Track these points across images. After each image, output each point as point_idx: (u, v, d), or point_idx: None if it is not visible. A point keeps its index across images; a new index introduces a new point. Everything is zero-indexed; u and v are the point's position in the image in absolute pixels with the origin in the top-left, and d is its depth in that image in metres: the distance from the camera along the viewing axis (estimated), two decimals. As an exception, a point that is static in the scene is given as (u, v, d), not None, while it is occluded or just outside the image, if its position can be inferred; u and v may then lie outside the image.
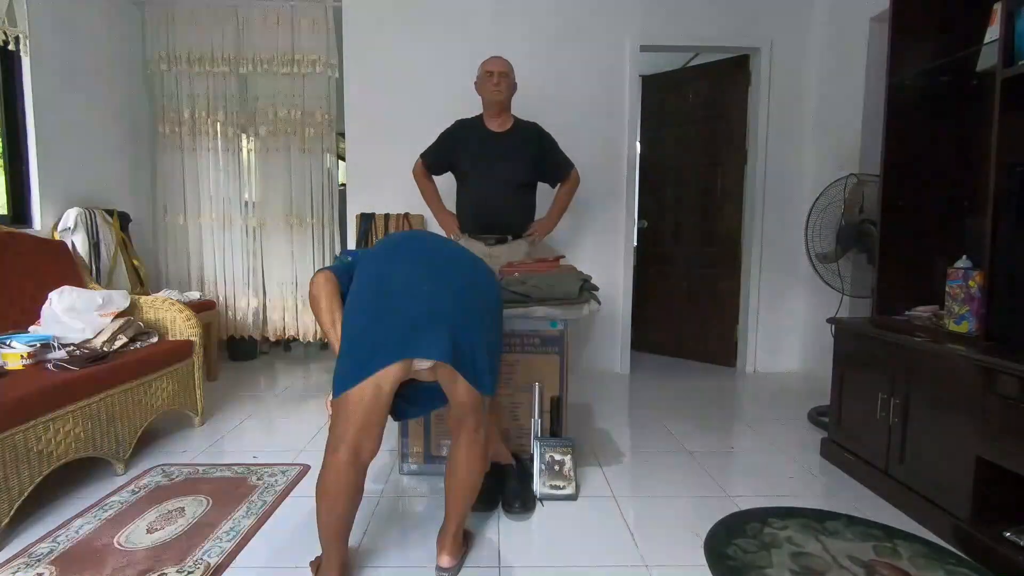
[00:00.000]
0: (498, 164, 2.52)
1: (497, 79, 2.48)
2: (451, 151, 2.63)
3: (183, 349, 2.48)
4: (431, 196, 2.76)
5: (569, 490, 1.88)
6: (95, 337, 2.24)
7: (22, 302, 2.34)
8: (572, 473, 1.89)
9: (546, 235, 2.73)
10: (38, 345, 2.04)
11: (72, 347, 2.14)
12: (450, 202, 2.77)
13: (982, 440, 1.57)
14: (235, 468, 2.11)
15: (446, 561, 1.47)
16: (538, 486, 1.87)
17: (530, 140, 2.59)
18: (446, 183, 2.77)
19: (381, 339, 1.32)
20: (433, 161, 2.69)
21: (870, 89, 3.03)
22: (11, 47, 2.67)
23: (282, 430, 2.58)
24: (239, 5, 3.60)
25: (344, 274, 1.50)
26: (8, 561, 1.51)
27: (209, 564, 1.49)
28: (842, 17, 3.31)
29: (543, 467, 1.89)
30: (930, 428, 1.77)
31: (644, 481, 2.07)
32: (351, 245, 3.57)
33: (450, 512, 1.49)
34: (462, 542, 1.54)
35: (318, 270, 1.54)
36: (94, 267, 2.94)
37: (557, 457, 1.90)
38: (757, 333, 3.69)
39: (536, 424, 1.98)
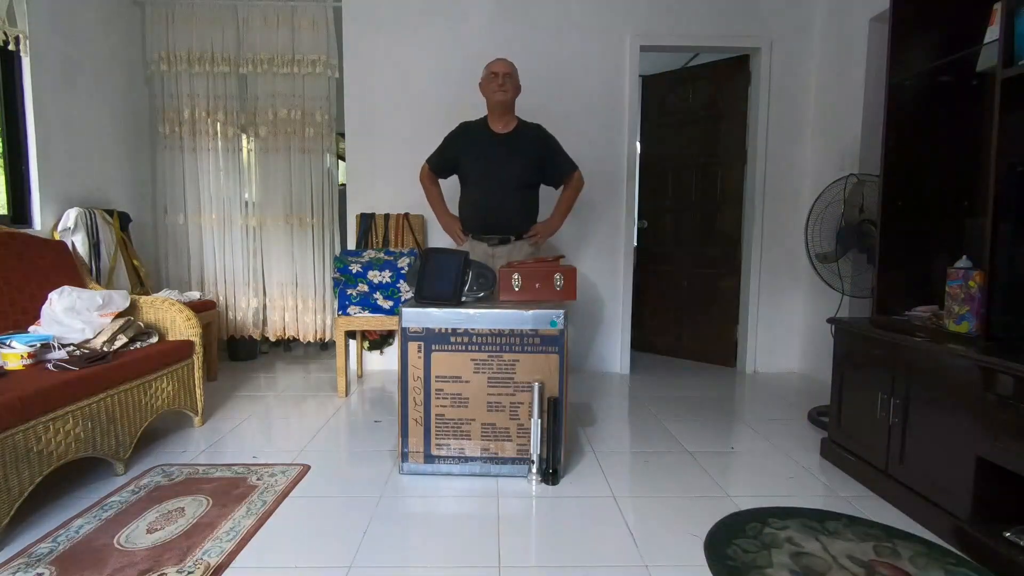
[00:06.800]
0: (501, 165, 2.52)
1: (502, 80, 2.48)
2: (455, 153, 2.63)
3: (183, 349, 2.48)
4: (435, 199, 2.76)
5: None
6: (95, 337, 2.24)
7: (22, 302, 2.34)
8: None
9: (549, 237, 2.73)
10: (38, 345, 2.04)
11: (72, 347, 2.14)
12: (454, 206, 2.77)
13: (982, 440, 1.56)
14: (235, 468, 2.11)
15: None
16: None
17: (533, 141, 2.58)
18: (451, 187, 2.77)
19: None
20: (438, 163, 2.69)
21: (870, 89, 3.03)
22: (11, 47, 2.67)
23: (282, 430, 2.58)
24: (239, 5, 3.60)
25: None
26: (8, 561, 1.51)
27: (209, 564, 1.49)
28: (842, 17, 3.31)
29: None
30: (930, 428, 1.77)
31: (644, 481, 2.07)
32: (351, 245, 3.57)
33: None
34: None
35: None
36: (94, 267, 2.94)
37: None
38: (757, 333, 3.69)
39: (536, 424, 1.98)
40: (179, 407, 2.45)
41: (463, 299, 2.09)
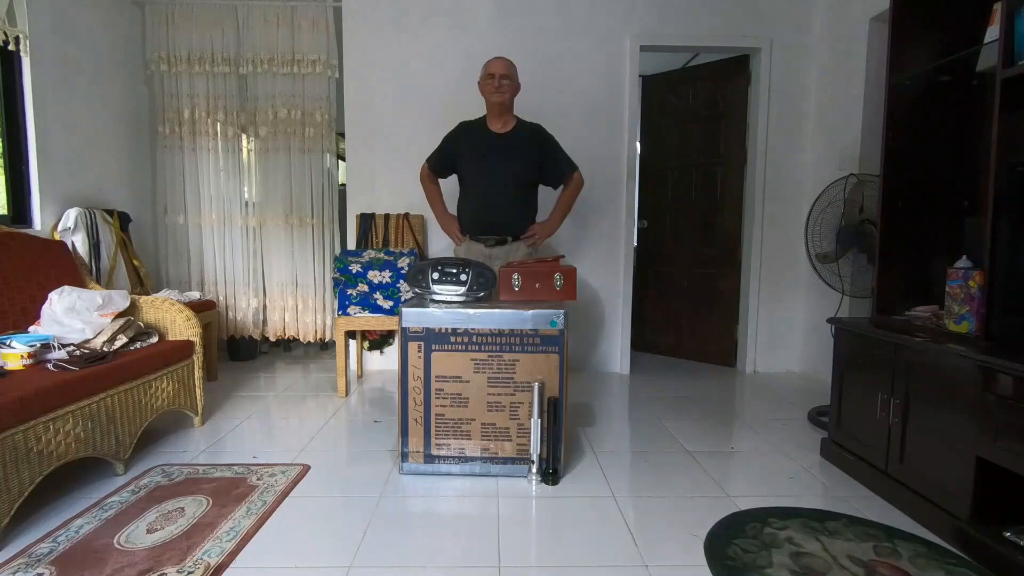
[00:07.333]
0: (499, 165, 2.52)
1: (498, 81, 2.48)
2: (454, 152, 2.63)
3: (183, 349, 2.48)
4: (435, 199, 2.76)
5: None
6: (95, 337, 2.24)
7: (22, 302, 2.34)
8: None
9: (547, 237, 2.73)
10: (38, 345, 2.04)
11: (72, 347, 2.14)
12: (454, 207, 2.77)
13: (982, 440, 1.56)
14: (235, 468, 2.11)
15: None
16: None
17: (532, 141, 2.58)
18: (454, 187, 2.77)
19: None
20: (437, 163, 2.69)
21: (870, 89, 3.03)
22: (11, 47, 2.67)
23: (282, 430, 2.58)
24: (239, 5, 3.60)
25: None
26: (8, 561, 1.51)
27: (209, 564, 1.49)
28: (842, 17, 3.31)
29: None
30: (930, 428, 1.77)
31: (644, 481, 2.07)
32: (351, 245, 3.57)
33: None
34: None
35: None
36: (94, 267, 2.94)
37: None
38: (757, 333, 3.69)
39: (536, 424, 1.98)
40: (179, 407, 2.45)
41: (463, 299, 2.09)
